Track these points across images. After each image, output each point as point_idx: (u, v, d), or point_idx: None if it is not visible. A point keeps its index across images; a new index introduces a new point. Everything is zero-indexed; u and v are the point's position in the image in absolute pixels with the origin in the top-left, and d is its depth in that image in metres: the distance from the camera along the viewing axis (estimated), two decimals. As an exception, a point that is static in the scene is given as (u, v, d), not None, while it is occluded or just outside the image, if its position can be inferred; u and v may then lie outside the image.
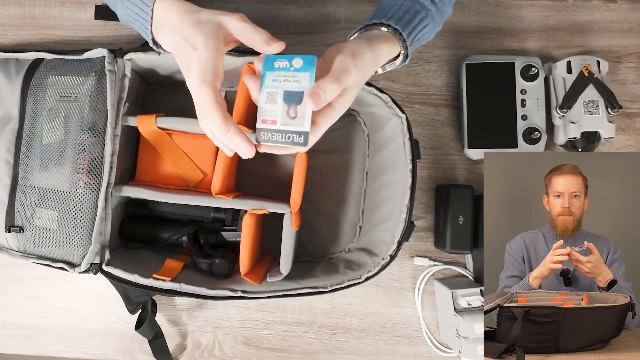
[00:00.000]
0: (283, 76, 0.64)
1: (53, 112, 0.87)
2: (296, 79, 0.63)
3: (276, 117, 0.63)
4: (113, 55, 0.86)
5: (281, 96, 0.63)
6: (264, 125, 0.64)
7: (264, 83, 0.65)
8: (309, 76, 0.62)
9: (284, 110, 0.63)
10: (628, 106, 1.01)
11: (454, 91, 1.03)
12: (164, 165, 0.94)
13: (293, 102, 0.62)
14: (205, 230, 0.94)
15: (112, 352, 1.03)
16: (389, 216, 0.90)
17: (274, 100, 0.64)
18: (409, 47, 0.74)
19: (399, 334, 1.01)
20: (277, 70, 0.64)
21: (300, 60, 0.63)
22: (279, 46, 0.65)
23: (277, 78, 0.64)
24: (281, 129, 0.63)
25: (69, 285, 1.03)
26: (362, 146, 1.00)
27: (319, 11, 1.04)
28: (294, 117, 0.62)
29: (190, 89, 0.65)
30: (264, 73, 0.65)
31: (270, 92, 0.64)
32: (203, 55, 0.62)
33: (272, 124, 0.64)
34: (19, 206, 0.88)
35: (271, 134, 0.64)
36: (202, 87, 0.61)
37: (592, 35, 1.02)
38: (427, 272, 1.01)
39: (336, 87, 0.61)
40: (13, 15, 1.06)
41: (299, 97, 0.62)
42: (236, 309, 1.03)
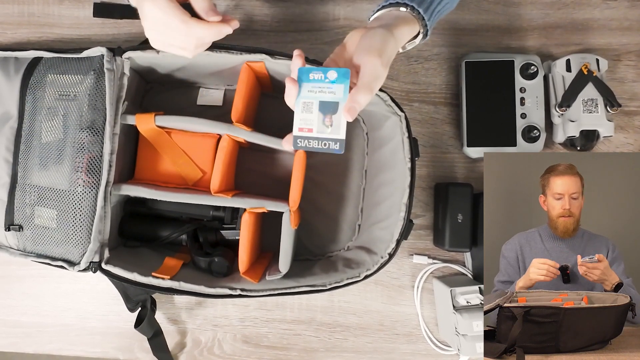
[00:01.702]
0: (318, 87, 0.67)
1: (52, 110, 0.87)
2: (331, 90, 0.66)
3: (312, 125, 0.67)
4: (112, 53, 0.86)
5: (317, 106, 0.67)
6: (301, 133, 0.68)
7: (300, 94, 0.68)
8: (343, 88, 0.66)
9: (320, 119, 0.67)
10: (627, 104, 1.01)
11: (453, 89, 1.03)
12: (163, 164, 0.94)
13: (329, 112, 0.66)
14: (205, 228, 0.94)
15: (111, 350, 1.03)
16: (388, 214, 0.90)
17: (309, 110, 0.67)
18: (429, 24, 0.74)
19: (398, 331, 1.01)
20: (312, 81, 0.67)
21: (334, 72, 0.66)
22: (216, 18, 0.71)
23: (312, 89, 0.67)
24: (318, 137, 0.67)
25: (69, 284, 1.04)
26: (361, 144, 1.00)
27: (317, 9, 1.04)
28: (330, 125, 0.66)
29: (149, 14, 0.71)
30: (300, 84, 0.68)
31: (306, 102, 0.67)
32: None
33: (308, 131, 0.67)
34: (18, 205, 0.88)
35: (307, 141, 0.67)
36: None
37: (591, 33, 1.02)
38: (426, 270, 1.01)
39: (370, 96, 0.65)
40: (12, 14, 1.05)
41: (334, 107, 0.66)
42: (235, 307, 1.03)
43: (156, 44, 0.75)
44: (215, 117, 0.90)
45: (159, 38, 0.74)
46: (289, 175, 0.87)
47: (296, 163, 0.87)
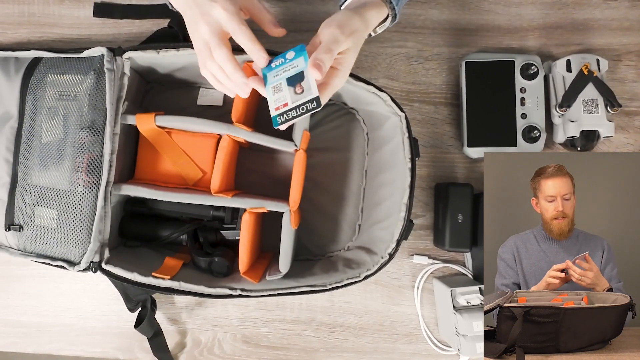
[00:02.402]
0: (282, 69, 0.71)
1: (52, 110, 0.87)
2: (293, 66, 0.70)
3: (286, 99, 0.70)
4: (112, 53, 0.86)
5: (285, 83, 0.70)
6: (277, 112, 0.71)
7: (267, 82, 0.72)
8: (303, 59, 0.70)
9: (291, 92, 0.70)
10: (627, 104, 1.01)
11: (453, 89, 1.03)
12: (163, 164, 0.94)
13: (297, 82, 0.70)
14: (205, 228, 0.94)
15: (111, 350, 1.03)
16: (388, 214, 0.90)
17: (279, 89, 0.71)
18: (396, 8, 0.80)
19: (398, 332, 1.01)
20: (274, 68, 0.72)
21: (292, 52, 0.71)
22: (280, 32, 0.76)
23: (277, 73, 0.71)
24: (293, 106, 0.70)
25: (69, 284, 1.04)
26: (362, 144, 1.00)
27: (318, 9, 1.04)
28: (301, 92, 0.69)
29: (198, 35, 0.71)
30: (265, 74, 0.72)
31: (275, 85, 0.71)
32: (226, 5, 0.69)
33: (284, 106, 0.70)
34: (18, 205, 0.88)
35: (286, 115, 0.70)
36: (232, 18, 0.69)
37: (591, 33, 1.02)
38: (426, 270, 1.01)
39: (330, 55, 0.68)
40: (12, 14, 1.05)
41: (300, 76, 0.69)
42: (235, 307, 1.03)
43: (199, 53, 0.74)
44: (215, 117, 0.90)
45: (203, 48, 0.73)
46: (289, 175, 0.88)
47: (296, 163, 0.87)
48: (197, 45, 0.73)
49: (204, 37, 0.71)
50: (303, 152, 0.88)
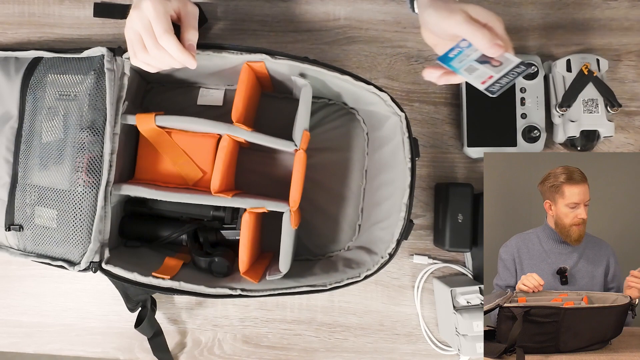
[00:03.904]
0: (464, 55, 0.76)
1: (52, 110, 0.87)
2: (472, 49, 0.75)
3: (488, 73, 0.74)
4: (112, 53, 0.86)
5: (476, 64, 0.75)
6: (485, 85, 0.74)
7: (458, 70, 0.76)
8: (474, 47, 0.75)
9: (489, 67, 0.74)
10: (627, 104, 1.01)
11: (453, 89, 1.03)
12: (164, 164, 0.94)
13: (487, 61, 0.75)
14: (205, 228, 0.94)
15: (112, 350, 1.04)
16: (388, 214, 0.90)
17: (474, 69, 0.75)
18: None
19: (398, 332, 1.01)
20: (455, 57, 0.77)
21: (464, 41, 0.76)
22: (191, 62, 0.78)
23: (460, 59, 0.76)
24: (502, 74, 0.74)
25: (69, 284, 1.04)
26: (362, 144, 1.00)
27: (317, 9, 1.04)
28: (499, 64, 0.74)
29: (130, 25, 0.76)
30: (450, 65, 0.77)
31: (466, 67, 0.76)
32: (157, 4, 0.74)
33: (489, 79, 0.74)
34: (18, 204, 0.88)
35: (498, 83, 0.74)
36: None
37: (591, 33, 1.02)
38: (426, 270, 1.01)
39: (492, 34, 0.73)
40: (12, 14, 1.05)
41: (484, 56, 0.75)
42: (236, 307, 1.03)
43: (129, 42, 0.78)
44: (215, 117, 0.90)
45: (133, 38, 0.77)
46: (289, 175, 0.87)
47: (296, 163, 0.87)
48: (129, 35, 0.77)
49: (135, 28, 0.75)
50: (303, 152, 0.88)
